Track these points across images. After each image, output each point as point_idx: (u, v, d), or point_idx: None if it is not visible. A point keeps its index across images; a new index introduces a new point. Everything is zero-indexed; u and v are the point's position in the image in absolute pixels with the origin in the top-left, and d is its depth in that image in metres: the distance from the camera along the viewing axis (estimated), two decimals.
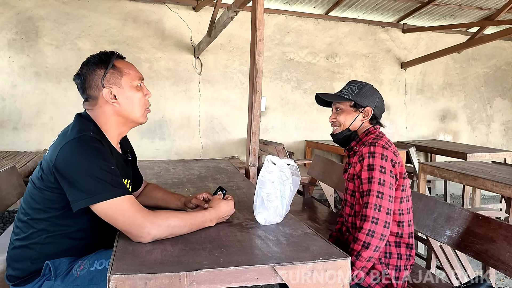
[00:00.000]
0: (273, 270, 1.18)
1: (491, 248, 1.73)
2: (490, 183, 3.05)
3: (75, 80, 1.55)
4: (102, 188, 1.31)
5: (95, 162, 1.33)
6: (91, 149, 1.36)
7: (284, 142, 5.34)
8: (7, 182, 2.39)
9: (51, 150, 1.41)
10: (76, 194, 1.32)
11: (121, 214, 1.31)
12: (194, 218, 1.44)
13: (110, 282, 1.07)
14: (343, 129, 1.92)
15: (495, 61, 6.75)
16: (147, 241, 1.31)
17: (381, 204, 1.67)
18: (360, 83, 1.91)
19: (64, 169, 1.33)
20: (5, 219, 4.48)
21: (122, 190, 1.35)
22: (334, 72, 5.97)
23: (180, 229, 1.38)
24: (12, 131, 4.78)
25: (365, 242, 1.65)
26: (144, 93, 1.57)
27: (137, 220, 1.31)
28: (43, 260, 1.43)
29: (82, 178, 1.31)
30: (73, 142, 1.36)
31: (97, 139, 1.41)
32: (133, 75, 1.54)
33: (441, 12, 5.90)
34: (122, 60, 1.57)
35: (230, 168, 2.93)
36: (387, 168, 1.71)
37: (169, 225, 1.34)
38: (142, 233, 1.30)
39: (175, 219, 1.37)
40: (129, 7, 5.07)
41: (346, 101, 1.88)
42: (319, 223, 2.86)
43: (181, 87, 5.32)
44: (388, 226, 1.67)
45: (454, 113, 6.65)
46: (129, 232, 1.32)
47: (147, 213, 1.34)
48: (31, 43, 4.78)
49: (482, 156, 4.75)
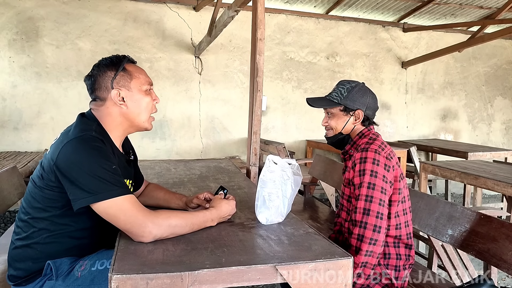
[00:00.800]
0: (275, 270, 1.18)
1: (493, 247, 1.72)
2: (492, 182, 3.05)
3: (85, 81, 1.56)
4: (103, 187, 1.31)
5: (96, 161, 1.33)
6: (92, 148, 1.36)
7: (285, 141, 5.34)
8: (8, 182, 2.39)
9: (53, 149, 1.42)
10: (77, 193, 1.32)
11: (122, 213, 1.31)
12: (196, 218, 1.44)
13: (111, 282, 1.07)
14: (336, 133, 1.90)
15: (496, 60, 6.75)
16: (148, 240, 1.31)
17: (370, 208, 1.64)
18: (349, 84, 1.86)
19: (65, 167, 1.33)
20: (6, 219, 4.48)
21: (124, 189, 1.35)
22: (334, 72, 5.97)
23: (181, 229, 1.38)
24: (12, 131, 4.78)
25: (356, 247, 1.63)
26: (153, 98, 1.58)
27: (138, 220, 1.31)
28: (44, 260, 1.43)
29: (83, 177, 1.31)
30: (75, 141, 1.37)
31: (99, 138, 1.41)
32: (143, 79, 1.55)
33: (441, 11, 5.89)
34: (133, 64, 1.58)
35: (231, 168, 2.92)
36: (379, 172, 1.67)
37: (170, 225, 1.34)
38: (144, 232, 1.30)
39: (176, 219, 1.37)
40: (130, 7, 5.06)
41: (336, 106, 1.85)
42: (321, 222, 2.86)
43: (181, 87, 5.32)
44: (379, 230, 1.62)
45: (455, 112, 6.64)
46: (130, 232, 1.32)
47: (148, 212, 1.34)
48: (32, 43, 4.78)
49: (483, 155, 4.74)
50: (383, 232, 1.64)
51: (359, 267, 1.62)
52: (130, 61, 1.58)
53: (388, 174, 1.70)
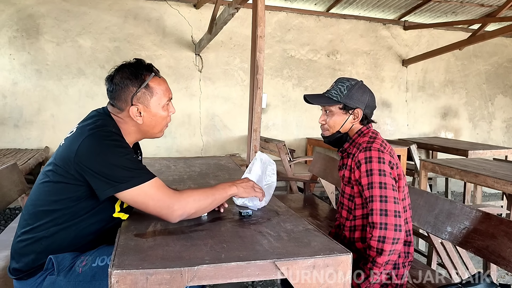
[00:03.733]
0: (274, 266, 1.18)
1: (492, 244, 1.73)
2: (492, 180, 3.05)
3: (106, 82, 1.57)
4: (130, 174, 1.38)
5: (120, 152, 1.40)
6: (114, 141, 1.43)
7: (285, 139, 5.34)
8: (8, 179, 2.39)
9: (70, 142, 1.43)
10: (103, 183, 1.36)
11: (150, 199, 1.40)
12: (215, 188, 1.55)
13: (111, 277, 1.07)
14: (334, 131, 1.88)
15: (496, 58, 6.74)
16: (177, 219, 1.43)
17: (386, 208, 1.63)
18: (349, 82, 1.84)
19: (88, 160, 1.36)
20: (7, 216, 4.49)
21: (148, 175, 1.42)
22: (335, 70, 5.97)
23: (205, 201, 1.48)
24: (13, 129, 4.79)
25: (378, 249, 1.61)
26: (169, 112, 1.61)
27: (166, 203, 1.40)
28: (47, 254, 1.43)
29: (108, 167, 1.36)
30: (97, 134, 1.41)
31: (118, 134, 1.48)
32: (162, 95, 1.56)
33: (442, 9, 5.89)
34: (156, 77, 1.56)
35: (231, 165, 2.93)
36: (386, 170, 1.67)
37: (194, 200, 1.45)
38: (173, 214, 1.41)
39: (198, 194, 1.48)
40: (130, 4, 5.06)
41: (335, 104, 1.83)
42: (320, 220, 2.86)
43: (182, 84, 5.32)
44: (400, 229, 1.61)
45: (456, 110, 6.64)
46: (160, 215, 1.42)
47: (173, 194, 1.43)
48: (32, 41, 4.78)
49: (483, 154, 4.74)
50: (403, 229, 1.64)
51: (382, 267, 1.62)
52: (155, 74, 1.56)
53: (393, 172, 1.71)
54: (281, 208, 1.75)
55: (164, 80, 1.61)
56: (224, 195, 1.55)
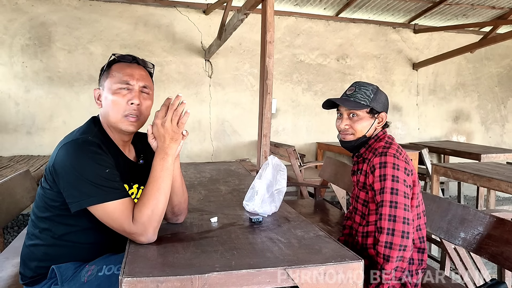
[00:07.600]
0: (285, 273, 1.17)
1: (507, 250, 1.69)
2: (505, 184, 3.00)
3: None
4: (94, 192, 1.30)
5: (88, 165, 1.32)
6: (85, 152, 1.34)
7: (295, 144, 5.33)
8: (21, 186, 2.42)
9: (54, 150, 1.44)
10: (72, 195, 1.32)
11: (111, 220, 1.32)
12: (154, 178, 1.36)
13: (122, 285, 1.07)
14: (359, 136, 1.82)
15: (509, 60, 6.66)
16: (145, 242, 1.33)
17: (395, 214, 1.61)
18: (372, 86, 1.82)
19: (60, 169, 1.34)
20: (20, 222, 4.53)
21: (115, 194, 1.32)
22: (345, 74, 5.95)
23: (158, 203, 1.33)
24: (25, 135, 4.84)
25: (384, 255, 1.60)
26: (127, 98, 1.45)
27: (125, 229, 1.32)
28: (48, 262, 1.43)
29: (77, 180, 1.31)
30: (69, 144, 1.37)
31: (95, 142, 1.38)
32: (118, 78, 1.46)
33: (453, 11, 5.84)
34: (121, 62, 1.51)
35: (241, 171, 2.93)
36: (400, 177, 1.65)
37: (148, 215, 1.31)
38: (136, 239, 1.33)
39: (147, 205, 1.32)
40: (140, 11, 5.11)
41: (364, 108, 1.79)
42: (331, 225, 2.84)
43: (192, 90, 5.34)
44: (407, 236, 1.60)
45: (467, 113, 6.57)
46: (126, 235, 1.34)
47: (130, 221, 1.31)
48: (44, 48, 4.84)
49: (496, 157, 4.68)
50: (411, 237, 1.62)
51: (390, 274, 1.60)
52: (120, 60, 1.50)
53: (408, 179, 1.69)
54: (291, 214, 1.74)
55: (134, 67, 1.49)
56: (166, 172, 1.36)
